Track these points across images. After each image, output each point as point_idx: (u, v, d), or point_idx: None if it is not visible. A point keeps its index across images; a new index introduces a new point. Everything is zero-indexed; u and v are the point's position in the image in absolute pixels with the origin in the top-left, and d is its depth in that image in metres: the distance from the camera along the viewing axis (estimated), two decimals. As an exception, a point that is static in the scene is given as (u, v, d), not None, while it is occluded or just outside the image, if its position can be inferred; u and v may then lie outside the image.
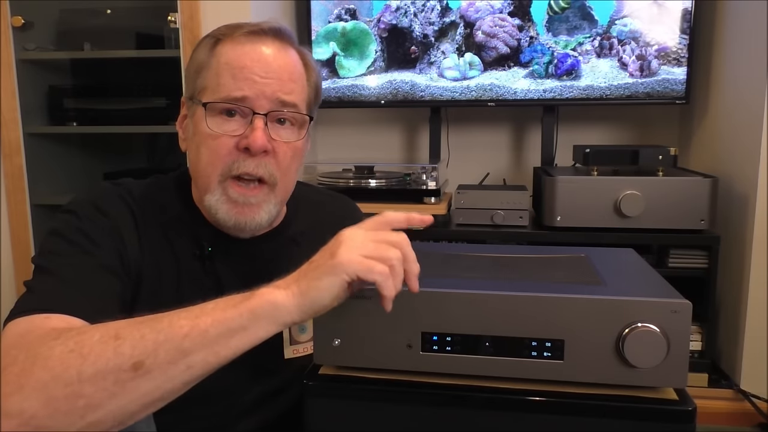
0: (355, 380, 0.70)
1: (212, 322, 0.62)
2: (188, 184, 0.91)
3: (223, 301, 0.64)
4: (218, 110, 0.82)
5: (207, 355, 0.62)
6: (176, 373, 0.61)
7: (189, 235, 0.89)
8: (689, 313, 0.63)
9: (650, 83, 1.96)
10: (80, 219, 0.81)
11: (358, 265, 0.63)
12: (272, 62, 0.83)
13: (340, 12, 2.09)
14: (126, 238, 0.82)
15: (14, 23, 2.01)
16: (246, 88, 0.81)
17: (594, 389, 0.66)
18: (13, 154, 2.06)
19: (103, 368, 0.59)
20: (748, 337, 1.75)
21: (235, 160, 0.82)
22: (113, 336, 0.61)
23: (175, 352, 0.61)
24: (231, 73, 0.82)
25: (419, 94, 2.10)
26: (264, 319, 0.63)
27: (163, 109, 2.08)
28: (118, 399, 0.59)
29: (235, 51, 0.83)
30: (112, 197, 0.85)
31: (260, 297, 0.64)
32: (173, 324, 0.61)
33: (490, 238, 1.85)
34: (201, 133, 0.83)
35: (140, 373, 0.60)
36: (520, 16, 2.00)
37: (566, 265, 0.82)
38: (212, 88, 0.83)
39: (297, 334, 0.93)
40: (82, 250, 0.78)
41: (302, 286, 0.64)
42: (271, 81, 0.82)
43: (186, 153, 0.91)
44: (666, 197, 1.73)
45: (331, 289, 0.63)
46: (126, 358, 0.59)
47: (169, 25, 1.92)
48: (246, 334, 0.63)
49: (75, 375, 0.58)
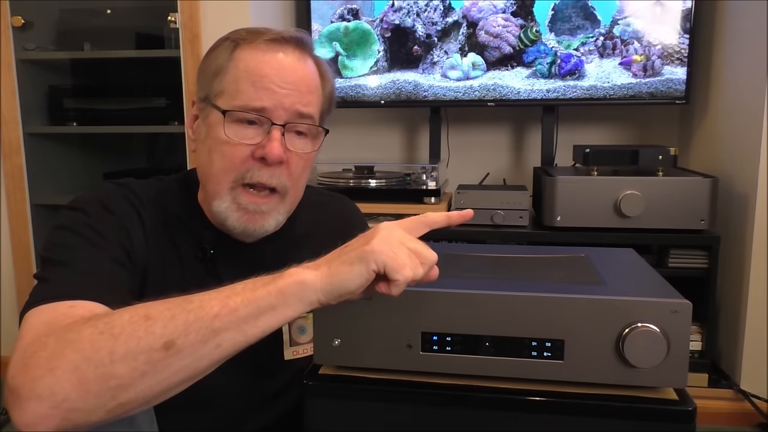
0: (355, 380, 0.70)
1: (242, 301, 0.62)
2: (192, 186, 0.91)
3: (253, 281, 0.65)
4: (237, 119, 0.82)
5: (236, 334, 0.62)
6: (206, 352, 0.62)
7: (191, 236, 0.89)
8: (689, 313, 0.63)
9: (653, 83, 1.96)
10: (88, 215, 0.81)
11: (389, 258, 0.62)
12: (291, 73, 0.83)
13: (343, 12, 2.09)
14: (133, 235, 0.83)
15: (14, 23, 2.01)
16: (265, 99, 0.81)
17: (594, 389, 0.66)
18: (13, 154, 2.06)
19: (134, 348, 0.60)
20: (748, 337, 1.75)
21: (249, 168, 0.82)
22: (143, 316, 0.61)
23: (206, 332, 0.61)
24: (250, 81, 0.81)
25: (422, 94, 2.10)
26: (292, 298, 0.63)
27: (163, 109, 2.08)
28: (149, 378, 0.60)
29: (256, 58, 0.82)
30: (118, 197, 0.86)
31: (289, 277, 0.64)
32: (204, 304, 0.62)
33: (490, 238, 1.85)
34: (216, 139, 0.83)
35: (171, 353, 0.60)
36: (523, 15, 2.00)
37: (566, 265, 0.82)
38: (230, 93, 0.82)
39: (297, 336, 0.93)
40: (90, 243, 0.78)
41: (332, 268, 0.64)
42: (290, 92, 0.82)
43: (192, 153, 0.91)
44: (666, 197, 1.73)
45: (359, 274, 0.63)
46: (157, 337, 0.60)
47: (169, 25, 1.92)
48: (274, 313, 0.63)
49: (107, 355, 0.59)
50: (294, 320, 0.92)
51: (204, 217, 0.89)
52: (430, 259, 0.65)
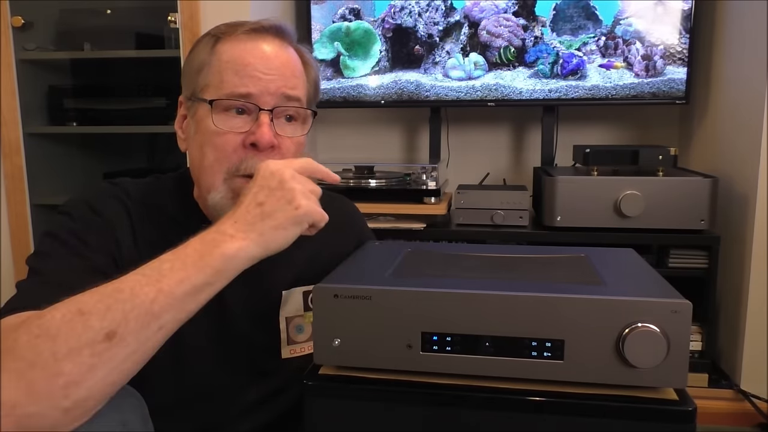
0: (355, 380, 0.70)
1: (176, 283, 0.64)
2: (188, 184, 0.91)
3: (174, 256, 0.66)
4: (224, 107, 0.82)
5: (177, 313, 0.64)
6: (149, 335, 0.63)
7: (187, 234, 0.88)
8: (689, 313, 0.63)
9: (656, 83, 1.96)
10: (74, 220, 0.81)
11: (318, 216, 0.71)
12: (274, 59, 0.84)
13: (344, 12, 2.09)
14: (120, 236, 0.82)
15: (14, 23, 2.01)
16: (250, 85, 0.81)
17: (594, 389, 0.66)
18: (13, 154, 2.06)
19: (76, 344, 0.59)
20: (748, 337, 1.75)
21: (242, 158, 0.82)
22: (77, 312, 0.61)
23: (146, 317, 0.62)
24: (234, 70, 0.82)
25: (424, 94, 2.10)
26: (227, 271, 0.66)
27: (163, 109, 2.08)
28: (97, 370, 0.60)
29: (237, 48, 0.83)
30: (108, 197, 0.85)
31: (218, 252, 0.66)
32: (137, 292, 0.63)
33: (490, 238, 1.85)
34: (205, 131, 0.83)
35: (115, 342, 0.61)
36: (525, 15, 2.00)
37: (566, 265, 0.82)
38: (215, 85, 0.82)
39: (294, 335, 0.93)
40: (73, 252, 0.78)
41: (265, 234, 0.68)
42: (275, 77, 0.83)
43: (185, 153, 0.91)
44: (666, 197, 1.73)
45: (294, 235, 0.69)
46: (96, 330, 0.60)
47: (169, 25, 1.92)
48: (212, 287, 0.66)
49: (50, 356, 0.59)
50: (292, 319, 0.92)
51: (200, 215, 0.89)
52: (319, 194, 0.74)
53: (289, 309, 0.92)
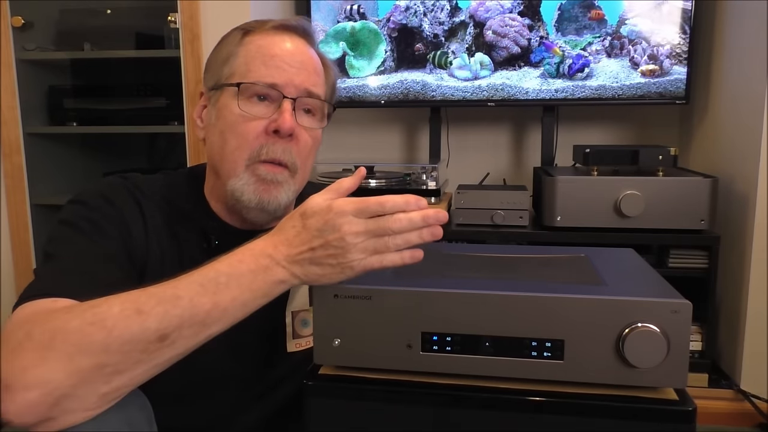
0: (355, 380, 0.70)
1: (230, 300, 0.67)
2: (199, 179, 0.93)
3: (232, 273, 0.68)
4: (249, 94, 0.85)
5: (223, 326, 0.67)
6: (197, 342, 0.67)
7: (196, 228, 0.90)
8: (689, 313, 0.63)
9: (662, 83, 1.96)
10: (88, 208, 0.82)
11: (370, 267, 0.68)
12: (299, 54, 0.87)
13: (349, 12, 2.09)
14: (132, 228, 0.84)
15: (14, 23, 2.01)
16: (276, 76, 0.85)
17: (594, 389, 0.66)
18: (13, 153, 2.06)
19: (130, 339, 0.62)
20: (748, 337, 1.75)
21: (263, 144, 0.84)
22: (135, 311, 0.63)
23: (199, 326, 0.65)
24: (261, 60, 0.85)
25: (430, 94, 2.10)
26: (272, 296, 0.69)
27: (163, 109, 2.08)
28: (143, 365, 0.64)
29: (265, 41, 0.87)
30: (120, 189, 0.87)
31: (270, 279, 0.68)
32: (195, 303, 0.65)
33: (490, 238, 1.85)
34: (229, 117, 0.85)
35: (166, 344, 0.64)
36: (530, 15, 2.00)
37: (566, 265, 0.82)
38: (241, 73, 0.85)
39: (300, 328, 0.93)
40: (87, 238, 0.79)
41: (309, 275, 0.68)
42: (299, 71, 0.86)
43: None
44: (666, 197, 1.73)
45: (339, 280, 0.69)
46: (152, 332, 0.63)
47: (169, 25, 1.92)
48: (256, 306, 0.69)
49: (101, 346, 0.61)
50: (298, 313, 0.93)
51: (209, 210, 0.91)
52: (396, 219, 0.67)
53: (296, 303, 0.93)
